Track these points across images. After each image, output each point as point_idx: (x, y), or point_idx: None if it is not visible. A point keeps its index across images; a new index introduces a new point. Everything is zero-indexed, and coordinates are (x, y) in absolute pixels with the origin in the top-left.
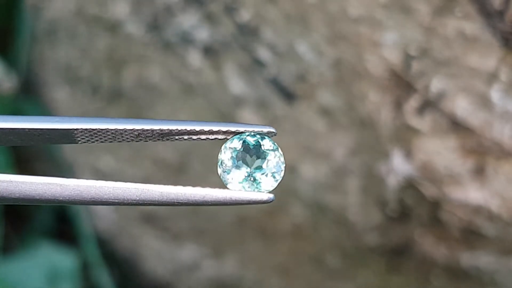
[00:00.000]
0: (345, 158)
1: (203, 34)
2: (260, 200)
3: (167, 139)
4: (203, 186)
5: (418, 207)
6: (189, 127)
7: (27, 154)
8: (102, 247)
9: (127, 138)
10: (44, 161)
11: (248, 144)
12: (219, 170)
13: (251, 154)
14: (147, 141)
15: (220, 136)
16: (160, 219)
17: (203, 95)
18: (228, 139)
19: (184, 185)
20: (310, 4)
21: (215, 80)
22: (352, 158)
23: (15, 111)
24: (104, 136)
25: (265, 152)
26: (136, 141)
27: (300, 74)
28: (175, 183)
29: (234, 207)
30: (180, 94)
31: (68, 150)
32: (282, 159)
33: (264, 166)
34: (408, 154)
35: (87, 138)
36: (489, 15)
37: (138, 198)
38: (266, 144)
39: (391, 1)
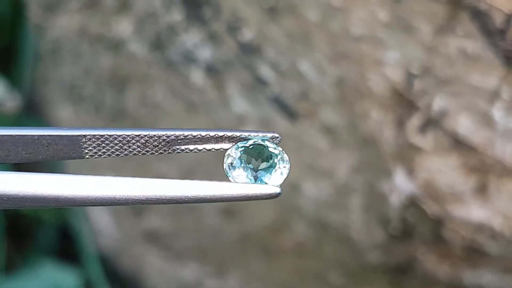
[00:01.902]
0: (347, 176)
1: (206, 53)
2: (267, 194)
3: (173, 150)
4: (206, 204)
5: (420, 225)
6: (195, 133)
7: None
8: (104, 265)
9: (134, 149)
10: None
11: (253, 147)
12: (225, 165)
13: (256, 157)
14: (153, 152)
15: (225, 146)
16: (163, 238)
17: (206, 113)
18: (234, 145)
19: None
20: (313, 23)
21: (217, 99)
22: (355, 176)
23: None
24: (112, 146)
25: (271, 154)
26: (143, 153)
27: (302, 93)
28: None
29: (238, 223)
30: (183, 112)
31: (71, 167)
32: (287, 166)
33: (269, 168)
34: (411, 172)
35: (95, 150)
36: (491, 34)
37: (144, 196)
38: (271, 147)
39: (393, 20)
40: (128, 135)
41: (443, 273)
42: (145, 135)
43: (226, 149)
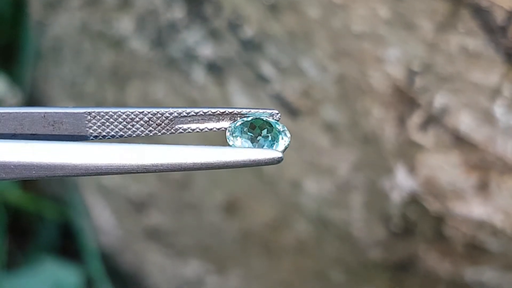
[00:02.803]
0: (348, 173)
1: (207, 50)
2: (270, 159)
3: (176, 130)
4: (208, 202)
5: (421, 222)
6: (196, 110)
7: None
8: (106, 263)
9: (138, 129)
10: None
11: (254, 120)
12: (227, 133)
13: (257, 128)
14: (156, 132)
15: (225, 125)
16: (164, 235)
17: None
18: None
19: (189, 201)
20: (314, 21)
21: (219, 96)
22: (356, 173)
23: None
24: (116, 125)
25: (271, 126)
26: (146, 134)
27: (303, 90)
28: (180, 198)
29: (239, 221)
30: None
31: None
32: (288, 134)
33: (270, 139)
34: (412, 169)
35: (99, 130)
36: (492, 31)
37: (149, 166)
38: (272, 121)
39: (394, 17)
40: (132, 112)
41: (444, 270)
42: (149, 112)
43: (227, 128)
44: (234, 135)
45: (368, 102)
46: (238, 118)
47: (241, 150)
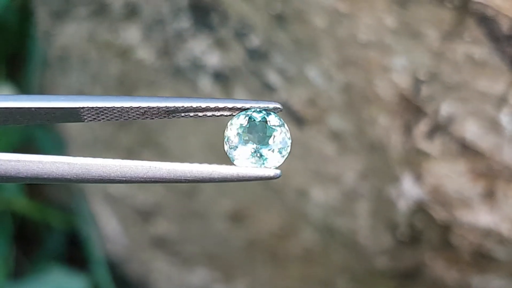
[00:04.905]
0: (355, 182)
1: (213, 59)
2: (267, 176)
3: (173, 116)
4: (214, 210)
5: (428, 230)
6: (195, 104)
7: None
8: (112, 271)
9: (133, 116)
10: (56, 186)
11: (254, 120)
12: (226, 147)
13: (257, 130)
14: (153, 118)
15: (225, 113)
16: (171, 243)
17: (213, 120)
18: (234, 115)
19: (196, 209)
20: (320, 29)
21: None
22: (362, 182)
23: (26, 137)
24: (110, 114)
25: (271, 128)
26: (142, 119)
27: (310, 99)
28: (186, 207)
29: (246, 229)
30: (190, 119)
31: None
32: (288, 134)
33: (270, 142)
34: (418, 178)
35: (93, 117)
36: (498, 40)
37: (145, 176)
38: (272, 120)
39: (400, 26)
40: (126, 107)
41: (451, 278)
42: (145, 107)
43: (226, 116)
44: (233, 144)
45: (374, 110)
46: (237, 113)
47: (239, 169)
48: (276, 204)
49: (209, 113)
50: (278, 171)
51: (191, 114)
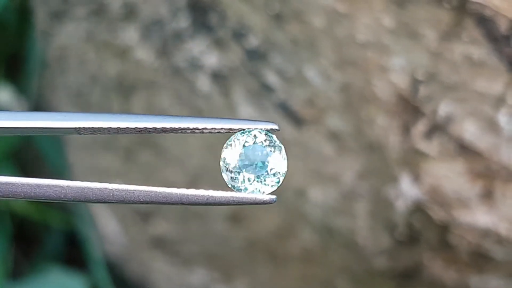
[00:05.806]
0: (353, 182)
1: (212, 59)
2: (262, 202)
3: (170, 132)
4: (213, 211)
5: (426, 230)
6: (191, 125)
7: None
8: (112, 271)
9: (130, 132)
10: None
11: (249, 144)
12: (222, 168)
13: (253, 154)
14: (149, 133)
15: (223, 130)
16: (170, 244)
17: None
18: (231, 133)
19: (195, 210)
20: (318, 30)
21: (224, 105)
22: (361, 182)
23: (25, 139)
24: (107, 131)
25: (267, 152)
26: (139, 134)
27: (308, 99)
28: (185, 208)
29: (245, 229)
30: None
31: (76, 175)
32: (284, 156)
33: (266, 166)
34: (416, 178)
35: (90, 132)
36: (496, 40)
37: (143, 200)
38: (268, 141)
39: (398, 27)
40: (123, 128)
41: (450, 278)
42: (141, 128)
43: (222, 133)
44: (230, 167)
45: (373, 110)
46: (234, 133)
47: (235, 194)
48: (275, 204)
49: (206, 130)
50: (273, 197)
51: (188, 130)
